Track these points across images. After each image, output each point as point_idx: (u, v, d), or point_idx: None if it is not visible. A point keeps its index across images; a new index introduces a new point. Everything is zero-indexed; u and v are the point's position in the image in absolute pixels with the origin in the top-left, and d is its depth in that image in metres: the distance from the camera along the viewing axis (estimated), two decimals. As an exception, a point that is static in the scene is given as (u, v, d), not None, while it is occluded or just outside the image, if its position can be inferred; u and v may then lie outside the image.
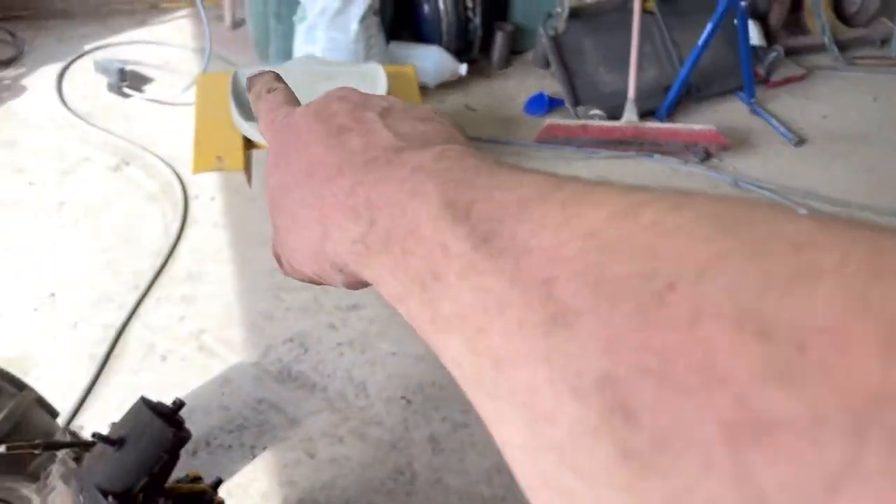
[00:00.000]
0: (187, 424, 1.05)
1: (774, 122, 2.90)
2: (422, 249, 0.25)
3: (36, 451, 0.92)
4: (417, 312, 0.25)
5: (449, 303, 0.23)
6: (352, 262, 0.29)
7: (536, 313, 0.20)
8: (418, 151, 0.29)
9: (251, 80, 0.43)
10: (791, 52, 3.24)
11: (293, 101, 0.40)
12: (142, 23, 3.11)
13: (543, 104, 2.83)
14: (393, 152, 0.30)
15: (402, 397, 1.75)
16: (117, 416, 1.68)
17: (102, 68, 2.66)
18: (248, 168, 2.09)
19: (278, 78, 0.42)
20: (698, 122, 2.73)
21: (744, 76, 2.91)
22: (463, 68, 2.79)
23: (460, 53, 2.88)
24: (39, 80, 2.71)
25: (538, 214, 0.22)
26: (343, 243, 0.29)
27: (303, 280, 0.35)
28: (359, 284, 0.31)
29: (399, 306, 0.26)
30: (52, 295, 1.93)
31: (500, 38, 2.96)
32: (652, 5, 2.92)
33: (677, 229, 0.19)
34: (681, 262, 0.18)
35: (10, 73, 2.74)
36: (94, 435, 0.90)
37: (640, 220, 0.20)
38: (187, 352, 1.82)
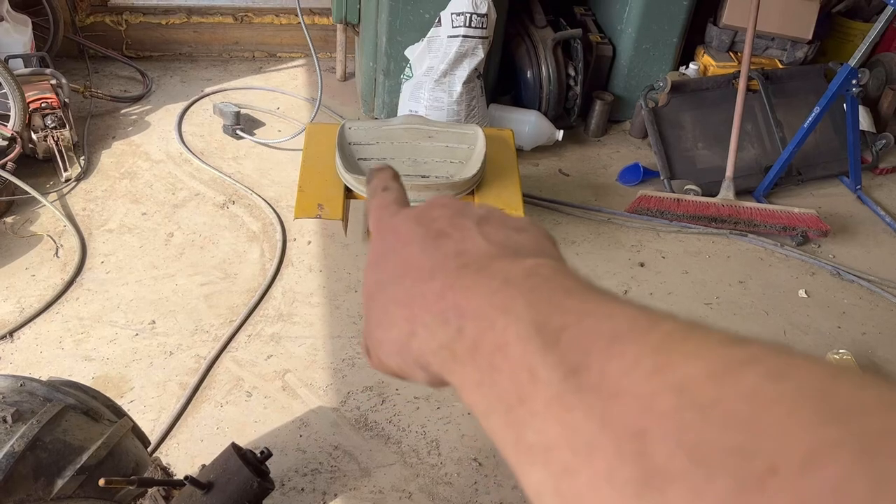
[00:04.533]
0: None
1: (880, 210, 2.80)
2: (509, 368, 0.25)
3: (131, 487, 0.98)
4: (500, 432, 0.26)
5: (534, 431, 0.23)
6: (436, 364, 0.30)
7: (627, 468, 0.20)
8: (510, 262, 0.30)
9: (372, 172, 0.44)
10: (902, 140, 3.13)
11: (404, 202, 0.41)
12: (259, 70, 3.31)
13: (638, 175, 2.82)
14: (486, 260, 0.31)
15: (474, 459, 1.76)
16: (200, 448, 1.76)
17: (220, 111, 2.84)
18: (345, 217, 2.18)
19: (396, 177, 0.43)
20: (798, 206, 2.67)
21: (850, 162, 2.83)
22: (559, 134, 2.83)
23: (558, 119, 2.93)
24: (162, 118, 2.91)
25: (630, 354, 0.22)
26: (429, 345, 0.30)
27: (387, 373, 0.36)
28: (440, 384, 0.32)
29: (481, 419, 0.27)
30: (153, 322, 2.05)
31: (598, 107, 3.00)
32: (756, 84, 2.89)
33: (779, 403, 0.19)
34: (783, 445, 0.18)
35: (137, 108, 2.96)
36: (186, 477, 0.95)
37: (738, 384, 0.19)
38: (271, 390, 1.89)
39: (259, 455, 1.06)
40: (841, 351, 2.08)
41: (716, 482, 0.18)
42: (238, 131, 2.81)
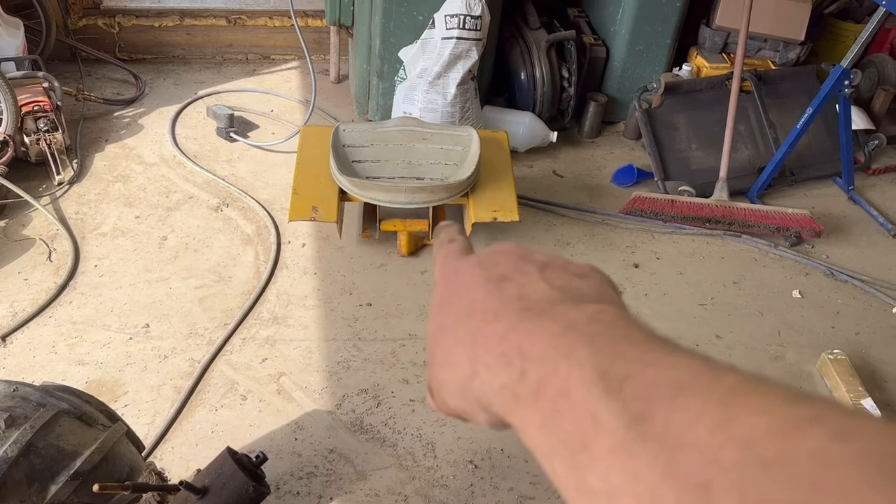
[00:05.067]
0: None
1: (872, 210, 2.81)
2: (572, 414, 0.26)
3: (125, 492, 0.97)
4: (563, 475, 0.26)
5: (596, 477, 0.24)
6: (498, 404, 0.30)
7: None
8: (572, 307, 0.30)
9: (439, 228, 0.46)
10: (894, 141, 3.15)
11: (468, 252, 0.42)
12: (252, 72, 3.30)
13: (632, 176, 2.83)
14: (548, 304, 0.31)
15: (470, 461, 1.76)
16: (195, 453, 1.75)
17: (213, 113, 2.83)
18: (340, 219, 2.18)
19: (461, 231, 0.45)
20: (791, 206, 2.68)
21: (842, 162, 2.84)
22: (553, 136, 2.83)
23: (552, 121, 2.93)
24: (156, 121, 2.90)
25: (694, 406, 0.23)
26: (491, 385, 0.30)
27: (449, 414, 0.36)
28: (501, 425, 0.32)
29: (543, 462, 0.27)
30: (147, 326, 2.04)
31: (592, 108, 3.00)
32: (749, 85, 2.90)
33: (843, 464, 0.19)
34: None
35: (130, 111, 2.95)
36: (181, 482, 0.95)
37: (803, 443, 0.20)
38: (266, 393, 1.88)
39: (254, 459, 1.06)
40: (835, 351, 2.09)
41: None
42: (232, 134, 2.80)
